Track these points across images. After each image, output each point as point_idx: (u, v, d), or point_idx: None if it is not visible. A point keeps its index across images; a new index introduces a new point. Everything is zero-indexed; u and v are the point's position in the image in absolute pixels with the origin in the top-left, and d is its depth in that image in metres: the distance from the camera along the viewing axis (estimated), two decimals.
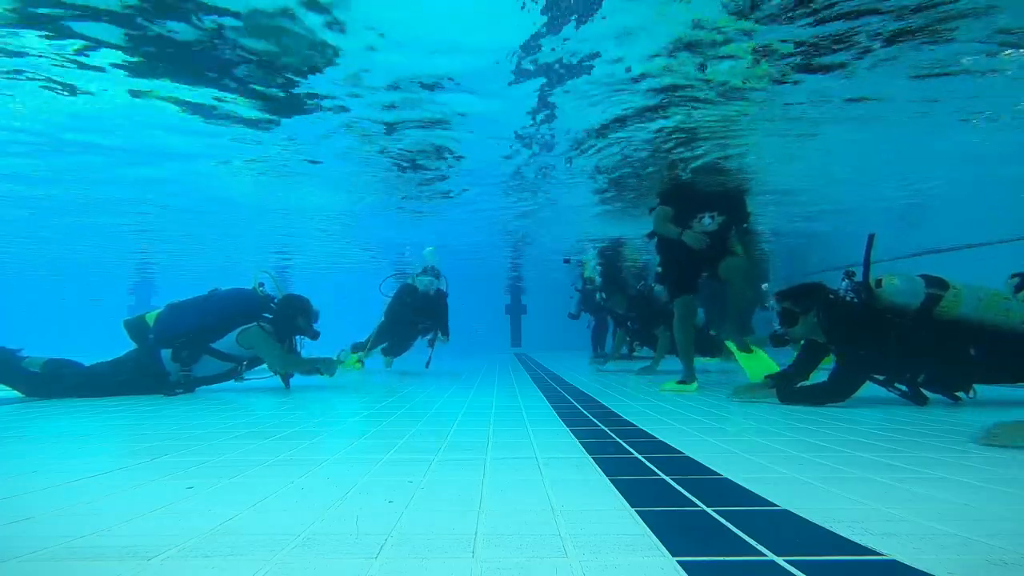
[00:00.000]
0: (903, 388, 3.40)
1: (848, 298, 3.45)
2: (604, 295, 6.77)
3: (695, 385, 4.47)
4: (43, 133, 4.67)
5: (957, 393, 3.37)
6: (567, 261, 12.16)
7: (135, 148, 5.16)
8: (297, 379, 5.11)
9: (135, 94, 3.94)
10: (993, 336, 3.17)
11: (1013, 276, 3.73)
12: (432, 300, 6.86)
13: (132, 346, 4.70)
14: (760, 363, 4.52)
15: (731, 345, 4.97)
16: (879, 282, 3.38)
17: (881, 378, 3.45)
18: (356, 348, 7.03)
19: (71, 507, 1.46)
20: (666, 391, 4.43)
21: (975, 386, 3.37)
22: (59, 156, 5.26)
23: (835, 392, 3.31)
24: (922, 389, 3.37)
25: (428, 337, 7.05)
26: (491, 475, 1.76)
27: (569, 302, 13.40)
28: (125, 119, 4.47)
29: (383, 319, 7.01)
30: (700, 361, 6.40)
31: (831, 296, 3.53)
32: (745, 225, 5.06)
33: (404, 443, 2.30)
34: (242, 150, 5.21)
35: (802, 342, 3.79)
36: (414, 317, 6.84)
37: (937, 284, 3.28)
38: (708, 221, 4.69)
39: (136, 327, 4.64)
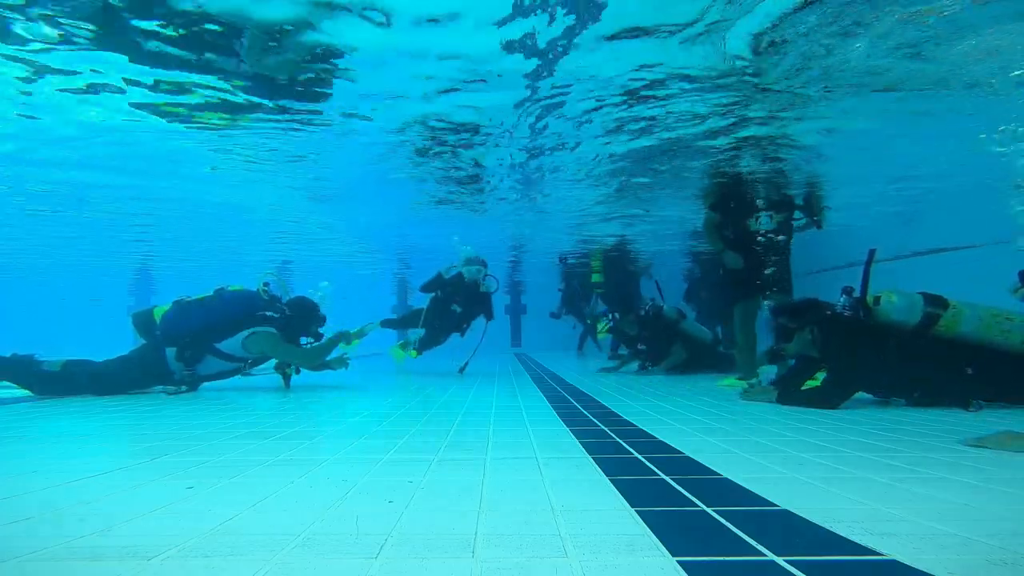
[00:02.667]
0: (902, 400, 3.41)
1: (845, 314, 3.44)
2: (616, 316, 6.74)
3: (756, 381, 4.60)
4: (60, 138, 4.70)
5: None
6: (563, 260, 12.20)
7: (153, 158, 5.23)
8: (296, 379, 5.12)
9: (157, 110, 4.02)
10: (991, 356, 3.16)
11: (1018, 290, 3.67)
12: (474, 290, 6.78)
13: (135, 341, 4.72)
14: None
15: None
16: (877, 299, 3.37)
17: (878, 395, 3.47)
18: (386, 324, 7.08)
19: (71, 507, 1.46)
20: (724, 386, 4.60)
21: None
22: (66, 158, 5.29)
23: (826, 400, 3.29)
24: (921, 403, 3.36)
25: (465, 331, 6.98)
26: (491, 475, 1.76)
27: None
28: (147, 135, 4.56)
29: (427, 305, 6.94)
30: (706, 375, 6.39)
31: (828, 312, 3.53)
32: (817, 218, 5.13)
33: (404, 443, 2.30)
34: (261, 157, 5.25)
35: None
36: (452, 298, 6.75)
37: (936, 303, 3.26)
38: (767, 220, 4.72)
39: (143, 321, 4.66)
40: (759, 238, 4.89)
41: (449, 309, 6.80)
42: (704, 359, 6.34)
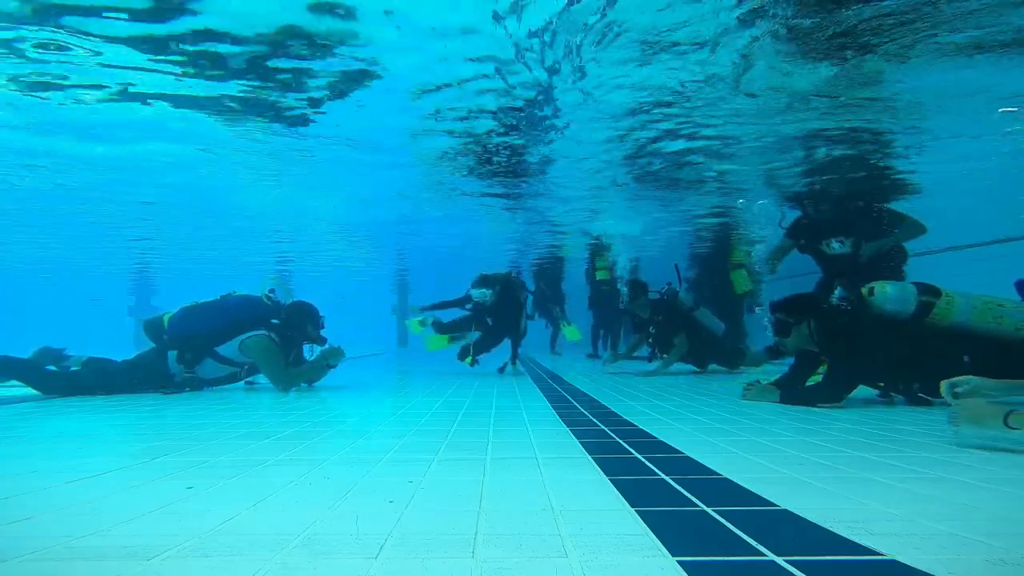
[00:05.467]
0: (901, 396, 3.42)
1: (841, 307, 3.47)
2: (627, 298, 6.63)
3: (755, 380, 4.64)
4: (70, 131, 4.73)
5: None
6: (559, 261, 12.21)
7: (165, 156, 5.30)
8: None
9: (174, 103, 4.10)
10: (986, 344, 3.18)
11: None
12: (495, 308, 6.72)
13: (138, 344, 4.78)
14: None
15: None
16: (871, 290, 3.40)
17: (880, 388, 3.48)
18: (438, 326, 6.97)
19: (71, 507, 1.46)
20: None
21: None
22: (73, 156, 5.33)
23: (829, 394, 3.31)
24: (921, 395, 3.37)
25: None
26: (491, 475, 1.75)
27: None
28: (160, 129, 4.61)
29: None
30: (706, 376, 6.40)
31: (824, 306, 3.55)
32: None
33: (404, 443, 2.30)
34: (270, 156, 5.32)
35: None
36: (481, 316, 6.75)
37: (930, 291, 3.30)
38: (837, 246, 4.75)
39: (153, 327, 4.73)
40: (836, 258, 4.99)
41: (483, 320, 6.80)
42: (713, 352, 6.31)
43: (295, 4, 2.86)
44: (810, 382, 3.71)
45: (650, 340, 6.47)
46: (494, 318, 6.76)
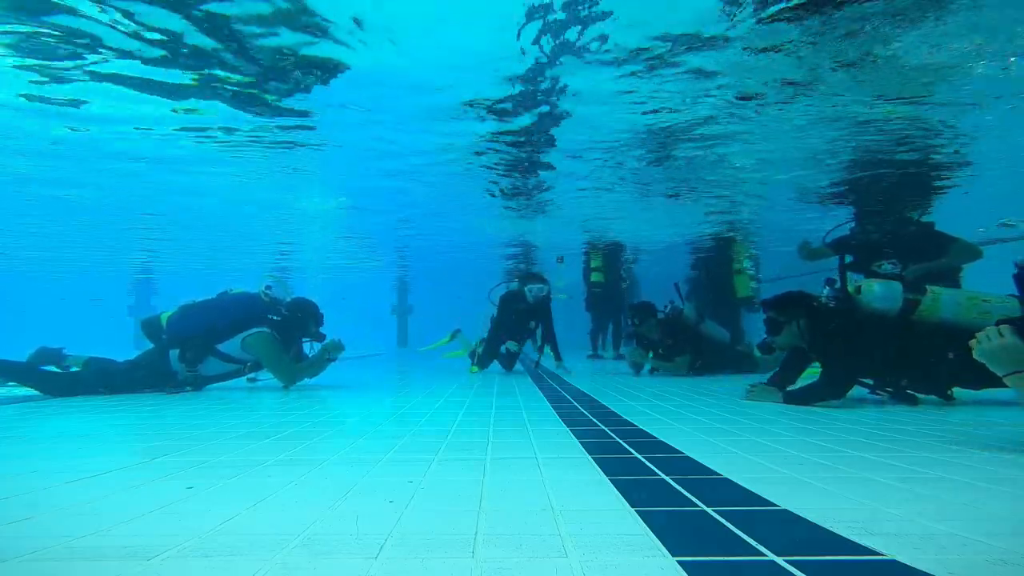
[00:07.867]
0: (889, 391, 3.44)
1: (831, 305, 3.50)
2: (636, 320, 6.68)
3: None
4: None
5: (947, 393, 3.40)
6: (560, 260, 12.17)
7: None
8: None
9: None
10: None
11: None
12: (537, 304, 6.88)
13: (137, 343, 4.82)
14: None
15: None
16: (859, 288, 3.44)
17: (869, 383, 3.49)
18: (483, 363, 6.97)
19: (71, 507, 1.46)
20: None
21: (955, 389, 3.39)
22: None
23: (830, 391, 3.34)
24: (909, 391, 3.40)
25: (538, 343, 7.13)
26: (491, 475, 1.75)
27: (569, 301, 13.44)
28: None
29: (490, 330, 6.95)
30: (709, 377, 6.39)
31: (814, 304, 3.57)
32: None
33: (404, 443, 2.30)
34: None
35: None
36: (521, 318, 6.84)
37: (915, 288, 3.35)
38: (888, 268, 4.85)
39: (151, 327, 4.75)
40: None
41: (527, 327, 6.91)
42: (723, 359, 6.35)
43: None
44: (802, 380, 3.73)
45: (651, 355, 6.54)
46: (533, 316, 6.87)
